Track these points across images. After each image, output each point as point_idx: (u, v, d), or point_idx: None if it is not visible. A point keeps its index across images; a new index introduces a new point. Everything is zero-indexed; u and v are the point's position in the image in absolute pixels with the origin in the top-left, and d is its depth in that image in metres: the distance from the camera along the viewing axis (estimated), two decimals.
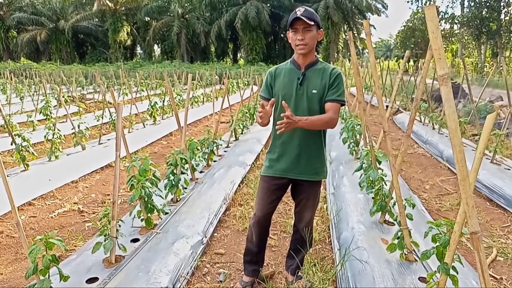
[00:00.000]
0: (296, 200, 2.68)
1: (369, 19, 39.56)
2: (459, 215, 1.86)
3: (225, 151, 6.27)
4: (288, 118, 2.13)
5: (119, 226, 2.90)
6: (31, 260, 2.11)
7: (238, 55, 47.00)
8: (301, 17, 2.26)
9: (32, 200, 4.50)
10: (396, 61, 41.80)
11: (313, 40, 2.35)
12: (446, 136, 7.29)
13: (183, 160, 4.11)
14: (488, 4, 26.98)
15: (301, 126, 2.25)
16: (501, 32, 27.09)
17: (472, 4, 28.12)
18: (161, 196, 3.71)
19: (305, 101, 2.40)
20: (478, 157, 1.78)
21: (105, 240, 2.77)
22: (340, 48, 38.26)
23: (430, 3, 33.26)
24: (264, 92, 2.52)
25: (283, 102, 2.19)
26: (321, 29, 2.39)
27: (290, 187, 2.64)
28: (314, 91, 2.39)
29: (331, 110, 2.37)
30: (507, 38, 27.42)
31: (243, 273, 2.81)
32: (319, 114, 2.38)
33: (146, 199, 3.31)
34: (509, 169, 5.20)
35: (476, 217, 1.42)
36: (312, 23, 2.28)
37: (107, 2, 37.68)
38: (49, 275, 2.21)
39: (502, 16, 27.34)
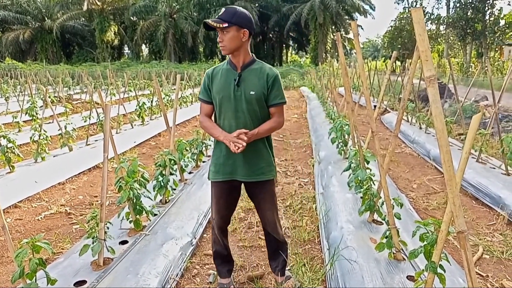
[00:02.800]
0: (253, 201, 2.67)
1: (357, 19, 39.87)
2: (446, 214, 1.88)
3: None
4: (242, 139, 2.23)
5: (107, 228, 2.88)
6: (17, 264, 2.08)
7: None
8: (206, 21, 2.25)
9: (18, 202, 4.43)
10: (384, 61, 42.23)
11: (232, 41, 2.27)
12: (433, 136, 7.38)
13: (172, 161, 4.08)
14: (473, 5, 27.42)
15: (256, 139, 2.34)
16: (486, 33, 27.55)
17: (458, 5, 28.55)
18: (150, 198, 3.69)
19: (244, 102, 2.35)
20: (464, 157, 1.80)
21: (93, 243, 2.74)
22: (328, 48, 38.47)
23: (417, 4, 33.67)
24: (203, 94, 2.46)
25: (241, 135, 2.25)
26: (245, 29, 2.28)
27: (244, 188, 2.61)
28: (252, 93, 2.35)
29: (276, 113, 2.44)
30: (492, 38, 27.89)
31: (218, 277, 2.79)
32: (259, 114, 2.39)
33: (134, 200, 3.29)
34: (494, 168, 5.28)
35: (463, 216, 1.44)
36: (226, 24, 2.22)
37: (96, 1, 37.30)
38: (36, 279, 2.18)
39: (487, 17, 27.81)
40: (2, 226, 2.11)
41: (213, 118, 2.54)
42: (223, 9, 2.27)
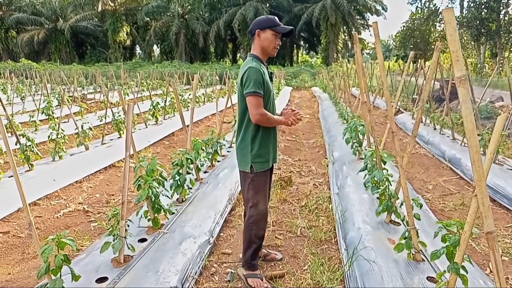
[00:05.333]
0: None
1: (369, 19, 39.65)
2: (469, 215, 1.87)
3: (228, 151, 6.27)
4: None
5: (128, 226, 2.91)
6: (43, 260, 2.12)
7: (238, 55, 47.03)
8: (291, 30, 2.60)
9: (37, 200, 4.51)
10: (396, 61, 41.86)
11: None
12: (448, 137, 7.31)
13: (189, 160, 4.11)
14: (487, 5, 27.03)
15: None
16: (501, 32, 27.14)
17: (472, 5, 28.17)
18: (168, 196, 3.72)
19: (274, 94, 2.81)
20: (488, 158, 1.80)
21: (113, 240, 2.78)
22: (339, 48, 38.30)
23: (429, 4, 33.36)
24: (262, 89, 2.54)
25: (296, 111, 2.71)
26: None
27: None
28: (273, 86, 2.79)
29: None
30: (506, 38, 27.47)
31: (250, 272, 2.81)
32: None
33: (153, 199, 3.32)
34: (511, 169, 5.22)
35: (492, 217, 1.44)
36: None
37: (109, 2, 37.71)
38: (60, 275, 2.22)
39: (502, 17, 27.40)
40: (29, 223, 2.16)
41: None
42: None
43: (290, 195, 4.73)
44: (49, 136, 5.82)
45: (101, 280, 2.62)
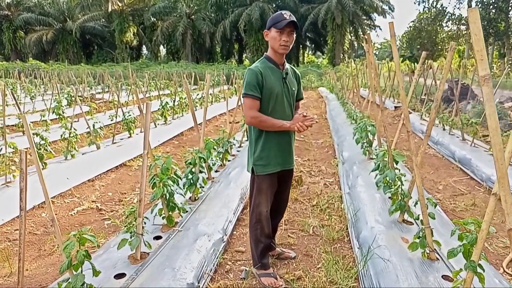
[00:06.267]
0: (281, 187, 2.86)
1: (375, 20, 39.54)
2: (487, 214, 1.89)
3: (238, 151, 6.31)
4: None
5: (144, 223, 2.95)
6: (66, 255, 2.16)
7: (243, 56, 47.07)
8: (294, 21, 2.47)
9: (51, 198, 4.57)
10: (402, 61, 41.66)
11: (292, 44, 2.61)
12: (457, 137, 7.30)
13: (202, 159, 4.15)
14: (495, 5, 26.88)
15: None
16: (509, 33, 26.99)
17: (480, 5, 28.02)
18: (182, 195, 3.76)
19: (290, 97, 2.67)
20: (507, 157, 1.81)
21: (130, 237, 2.82)
22: (346, 48, 38.22)
23: (437, 4, 33.22)
24: (256, 91, 2.51)
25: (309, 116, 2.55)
26: None
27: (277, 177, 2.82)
28: (293, 89, 2.70)
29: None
30: None
31: (262, 271, 2.82)
32: (294, 107, 2.77)
33: (167, 197, 3.36)
34: None
35: None
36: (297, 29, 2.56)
37: (117, 2, 37.96)
38: (82, 270, 2.26)
39: (510, 17, 27.23)
40: (52, 218, 2.20)
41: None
42: (288, 13, 2.52)
43: (301, 195, 4.75)
44: (61, 135, 5.89)
45: (119, 276, 2.67)
